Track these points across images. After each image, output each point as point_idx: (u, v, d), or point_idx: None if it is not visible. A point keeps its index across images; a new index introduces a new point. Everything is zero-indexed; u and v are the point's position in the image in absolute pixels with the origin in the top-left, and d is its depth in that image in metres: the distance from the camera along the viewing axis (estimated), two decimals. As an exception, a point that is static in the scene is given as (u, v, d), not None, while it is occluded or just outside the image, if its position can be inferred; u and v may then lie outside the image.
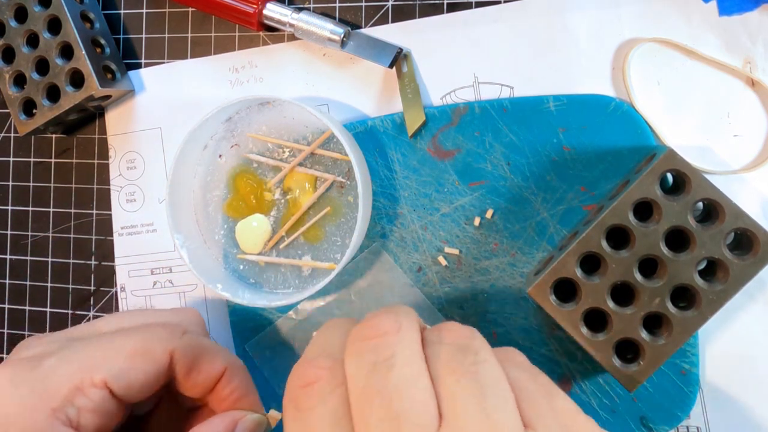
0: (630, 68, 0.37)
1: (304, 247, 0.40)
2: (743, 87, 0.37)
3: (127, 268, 0.44)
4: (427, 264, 0.39)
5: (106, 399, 0.29)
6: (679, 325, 0.32)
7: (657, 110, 0.37)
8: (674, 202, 0.32)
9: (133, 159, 0.44)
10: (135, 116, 0.44)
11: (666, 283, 0.32)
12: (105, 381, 0.29)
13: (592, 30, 0.38)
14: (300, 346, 0.40)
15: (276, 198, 0.40)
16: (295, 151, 0.40)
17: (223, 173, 0.41)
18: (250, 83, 0.42)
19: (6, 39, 0.41)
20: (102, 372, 0.29)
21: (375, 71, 0.40)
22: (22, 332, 0.45)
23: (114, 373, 0.29)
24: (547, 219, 0.37)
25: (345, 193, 0.39)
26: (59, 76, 0.40)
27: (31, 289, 0.45)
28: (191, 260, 0.38)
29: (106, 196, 0.44)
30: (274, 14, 0.39)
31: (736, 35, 0.36)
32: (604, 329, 0.33)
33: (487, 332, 0.38)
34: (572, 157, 0.37)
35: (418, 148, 0.39)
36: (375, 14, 0.40)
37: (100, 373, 0.29)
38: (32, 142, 0.46)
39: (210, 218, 0.41)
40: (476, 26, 0.39)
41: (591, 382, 0.37)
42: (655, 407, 0.36)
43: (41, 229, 0.45)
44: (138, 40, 0.44)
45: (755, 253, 0.31)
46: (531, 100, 0.37)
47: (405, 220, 0.39)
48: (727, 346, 0.37)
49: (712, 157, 0.37)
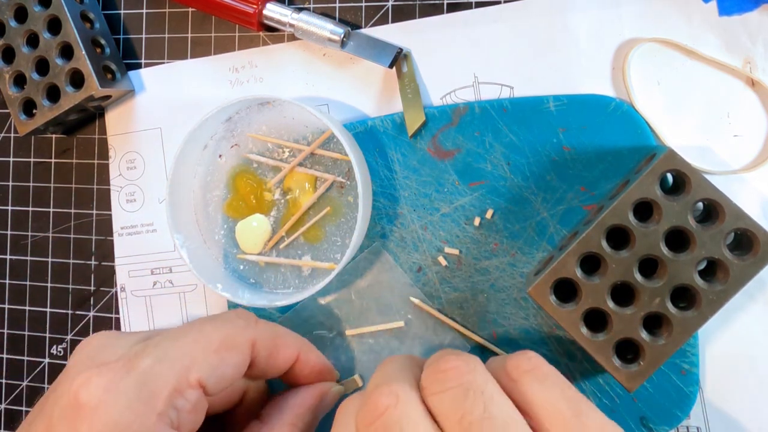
0: (630, 68, 0.37)
1: (304, 247, 0.40)
2: (743, 87, 0.37)
3: (127, 268, 0.44)
4: (427, 264, 0.39)
5: (200, 398, 0.29)
6: (679, 325, 0.32)
7: (657, 110, 0.37)
8: (674, 202, 0.32)
9: (133, 159, 0.44)
10: (135, 116, 0.44)
11: (666, 283, 0.32)
12: (199, 380, 0.28)
13: (592, 30, 0.38)
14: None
15: (276, 198, 0.40)
16: (295, 151, 0.40)
17: (223, 173, 0.41)
18: (250, 83, 0.42)
19: (6, 39, 0.41)
20: (196, 371, 0.28)
21: (375, 71, 0.40)
22: (22, 332, 0.45)
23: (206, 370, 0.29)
24: (547, 219, 0.37)
25: (345, 193, 0.39)
26: (59, 76, 0.40)
27: (31, 289, 0.45)
28: (191, 260, 0.38)
29: (106, 196, 0.44)
30: (274, 14, 0.39)
31: (736, 35, 0.36)
32: (604, 329, 0.33)
33: (487, 332, 0.38)
34: (572, 157, 0.37)
35: (418, 148, 0.39)
36: (375, 14, 0.40)
37: (195, 373, 0.28)
38: (32, 142, 0.46)
39: (210, 218, 0.41)
40: (476, 26, 0.39)
41: (591, 382, 0.37)
42: (655, 407, 0.36)
43: (41, 229, 0.45)
44: (138, 40, 0.44)
45: (755, 253, 0.31)
46: (531, 100, 0.37)
47: (405, 220, 0.39)
48: (727, 346, 0.37)
49: (712, 157, 0.37)
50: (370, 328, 0.39)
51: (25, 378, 0.45)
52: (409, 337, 0.39)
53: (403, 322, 0.39)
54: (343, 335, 0.39)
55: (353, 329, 0.39)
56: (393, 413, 0.23)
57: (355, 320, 0.39)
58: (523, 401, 0.24)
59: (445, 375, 0.24)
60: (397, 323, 0.39)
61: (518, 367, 0.25)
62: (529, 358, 0.25)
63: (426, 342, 0.38)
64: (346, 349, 0.39)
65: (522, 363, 0.25)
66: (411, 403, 0.23)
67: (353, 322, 0.39)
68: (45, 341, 0.45)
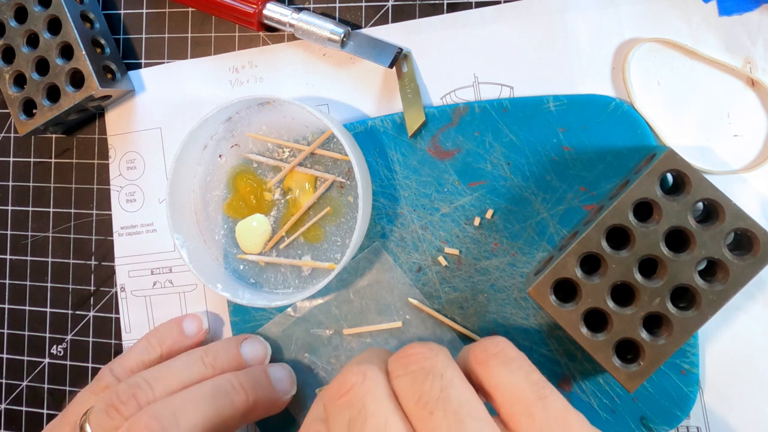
0: (630, 68, 0.37)
1: (304, 247, 0.40)
2: (743, 87, 0.37)
3: (127, 268, 0.44)
4: (427, 264, 0.39)
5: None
6: (679, 325, 0.32)
7: (657, 110, 0.37)
8: (674, 202, 0.32)
9: (133, 159, 0.44)
10: (135, 116, 0.44)
11: (666, 283, 0.32)
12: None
13: (592, 30, 0.38)
14: (297, 344, 0.40)
15: (276, 198, 0.40)
16: (295, 151, 0.40)
17: (223, 173, 0.41)
18: (250, 83, 0.42)
19: (6, 39, 0.41)
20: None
21: (375, 71, 0.40)
22: (22, 332, 0.45)
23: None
24: (547, 219, 0.37)
25: (345, 193, 0.39)
26: (59, 76, 0.40)
27: (31, 289, 0.45)
28: (191, 260, 0.38)
29: (106, 196, 0.44)
30: (274, 14, 0.39)
31: (736, 35, 0.36)
32: (604, 329, 0.33)
33: (487, 332, 0.38)
34: (572, 157, 0.37)
35: (418, 148, 0.39)
36: (375, 14, 0.40)
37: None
38: (32, 142, 0.46)
39: (210, 218, 0.41)
40: (476, 26, 0.39)
41: (591, 382, 0.37)
42: (655, 407, 0.36)
43: (41, 229, 0.45)
44: (138, 40, 0.44)
45: (755, 253, 0.31)
46: (531, 100, 0.37)
47: (405, 220, 0.39)
48: (727, 346, 0.37)
49: (712, 157, 0.37)
50: (368, 327, 0.39)
51: (25, 378, 0.45)
52: (408, 337, 0.39)
53: (401, 322, 0.39)
54: (341, 334, 0.39)
55: (351, 329, 0.39)
56: (358, 390, 0.24)
57: (354, 319, 0.39)
58: (489, 384, 0.24)
59: (408, 359, 0.24)
60: (395, 323, 0.39)
61: (485, 351, 0.25)
62: (497, 342, 0.26)
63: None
64: (344, 348, 0.39)
65: (489, 347, 0.25)
66: (377, 382, 0.24)
67: (351, 322, 0.39)
68: (45, 341, 0.45)
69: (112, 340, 0.44)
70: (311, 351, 0.40)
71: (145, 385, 0.34)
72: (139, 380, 0.34)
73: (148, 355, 0.38)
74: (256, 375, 0.36)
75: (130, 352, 0.38)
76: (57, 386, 0.45)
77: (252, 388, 0.35)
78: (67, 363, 0.45)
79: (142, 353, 0.38)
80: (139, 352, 0.38)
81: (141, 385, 0.34)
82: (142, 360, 0.38)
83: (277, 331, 0.40)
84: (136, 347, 0.38)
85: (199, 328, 0.40)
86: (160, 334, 0.39)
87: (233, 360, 0.37)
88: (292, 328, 0.40)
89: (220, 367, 0.36)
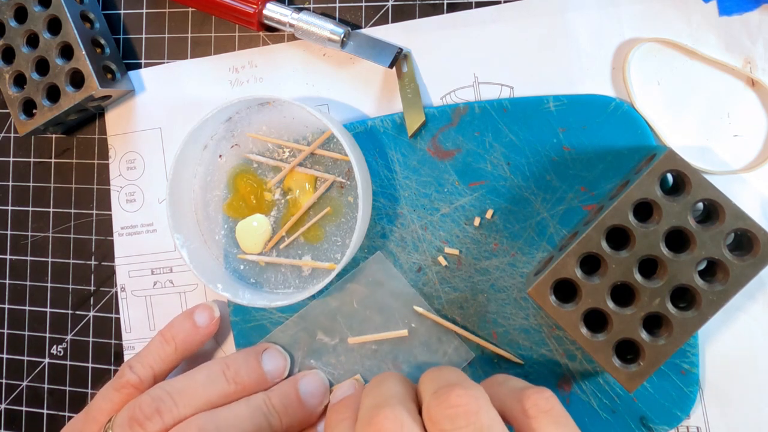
0: (630, 68, 0.37)
1: (304, 247, 0.40)
2: (743, 87, 0.37)
3: (127, 268, 0.44)
4: (427, 264, 0.39)
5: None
6: (679, 325, 0.32)
7: (657, 110, 0.37)
8: (674, 203, 0.32)
9: (133, 159, 0.44)
10: (135, 116, 0.44)
11: (666, 284, 0.32)
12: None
13: (592, 30, 0.38)
14: (303, 351, 0.40)
15: (276, 198, 0.40)
16: (295, 151, 0.40)
17: (223, 173, 0.41)
18: (250, 83, 0.42)
19: (6, 39, 0.41)
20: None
21: (375, 71, 0.40)
22: (22, 332, 0.45)
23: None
24: (547, 219, 0.37)
25: (345, 193, 0.39)
26: (59, 76, 0.40)
27: (31, 289, 0.45)
28: (191, 260, 0.38)
29: (106, 196, 0.44)
30: (274, 14, 0.39)
31: (736, 35, 0.36)
32: (604, 329, 0.33)
33: (487, 332, 0.38)
34: (572, 157, 0.37)
35: (418, 148, 0.39)
36: (375, 14, 0.40)
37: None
38: (32, 142, 0.46)
39: (210, 218, 0.41)
40: (476, 26, 0.39)
41: (591, 382, 0.37)
42: (655, 407, 0.36)
43: (41, 229, 0.45)
44: (138, 40, 0.44)
45: (755, 253, 0.31)
46: (531, 100, 0.37)
47: (405, 220, 0.39)
48: (727, 346, 0.37)
49: (712, 157, 0.37)
50: (373, 336, 0.39)
51: (25, 378, 0.45)
52: (413, 345, 0.39)
53: (407, 330, 0.38)
54: (345, 342, 0.39)
55: (356, 337, 0.39)
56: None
57: (358, 327, 0.39)
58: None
59: (455, 412, 0.25)
60: (401, 332, 0.38)
61: (536, 406, 0.26)
62: (547, 398, 0.27)
63: (429, 350, 0.38)
64: (349, 353, 0.39)
65: (540, 402, 0.26)
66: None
67: (356, 330, 0.39)
68: (45, 341, 0.45)
69: (112, 340, 0.44)
70: (317, 358, 0.40)
71: (168, 398, 0.34)
72: (162, 393, 0.34)
73: (164, 350, 0.38)
74: (287, 395, 0.37)
75: (147, 349, 0.39)
76: (57, 386, 0.45)
77: (285, 412, 0.36)
78: (67, 363, 0.45)
79: (158, 348, 0.38)
80: (155, 348, 0.38)
81: (164, 399, 0.34)
82: (159, 355, 0.38)
83: (283, 338, 0.40)
84: (152, 343, 0.39)
85: (211, 317, 0.40)
86: (173, 328, 0.39)
87: (254, 373, 0.37)
88: (298, 335, 0.40)
89: (242, 383, 0.36)
